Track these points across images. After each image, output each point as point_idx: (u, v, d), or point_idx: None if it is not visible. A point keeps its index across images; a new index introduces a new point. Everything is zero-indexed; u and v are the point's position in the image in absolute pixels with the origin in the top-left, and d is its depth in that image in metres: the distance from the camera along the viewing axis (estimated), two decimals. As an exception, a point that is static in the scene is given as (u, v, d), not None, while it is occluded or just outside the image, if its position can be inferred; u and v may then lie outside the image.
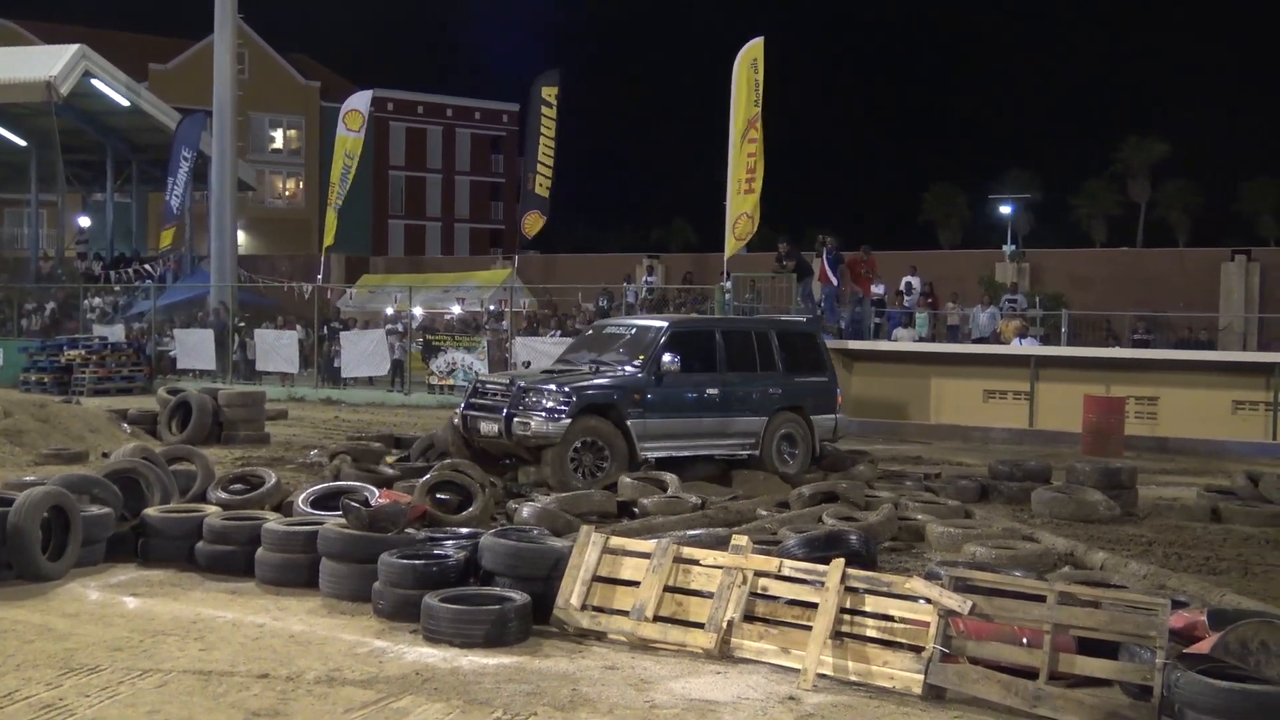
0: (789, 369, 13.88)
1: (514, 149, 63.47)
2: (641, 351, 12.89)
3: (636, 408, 12.45)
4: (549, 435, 11.92)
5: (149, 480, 9.74)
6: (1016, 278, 31.83)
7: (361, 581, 7.82)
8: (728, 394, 13.24)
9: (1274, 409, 19.27)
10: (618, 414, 12.36)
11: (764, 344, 13.79)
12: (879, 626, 6.53)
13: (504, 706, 5.93)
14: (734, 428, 13.26)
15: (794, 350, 14.10)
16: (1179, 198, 64.72)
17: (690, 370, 12.87)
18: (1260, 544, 10.49)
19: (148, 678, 6.30)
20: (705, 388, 13.10)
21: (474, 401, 12.81)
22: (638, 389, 12.55)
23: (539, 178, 29.16)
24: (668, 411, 12.73)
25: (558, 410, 11.98)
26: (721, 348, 13.39)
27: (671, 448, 12.73)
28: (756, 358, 13.68)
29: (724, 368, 13.33)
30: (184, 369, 28.43)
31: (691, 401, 13.00)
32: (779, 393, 13.65)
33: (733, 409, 13.27)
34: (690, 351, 12.97)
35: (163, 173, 36.42)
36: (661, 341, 12.87)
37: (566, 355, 14.22)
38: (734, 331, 13.91)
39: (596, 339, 14.15)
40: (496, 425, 12.23)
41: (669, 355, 12.68)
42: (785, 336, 14.16)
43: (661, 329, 13.21)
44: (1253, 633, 5.55)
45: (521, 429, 12.02)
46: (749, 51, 22.92)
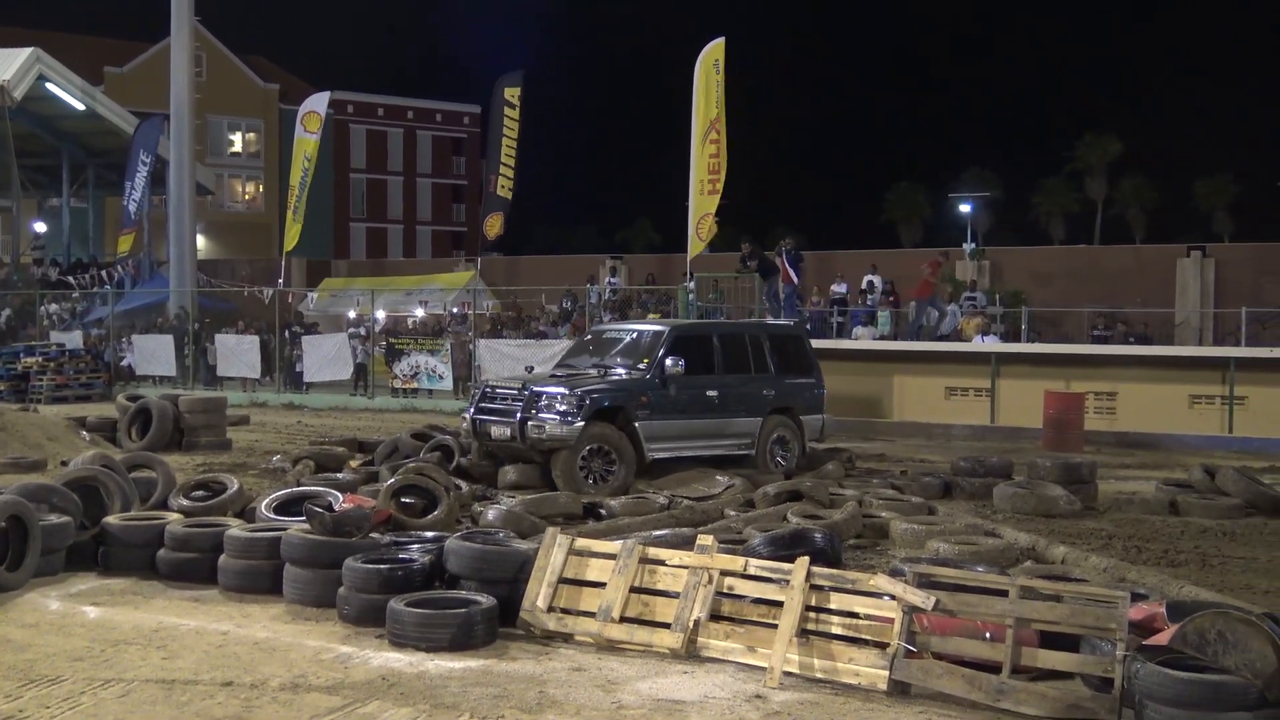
0: (780, 371, 14.29)
1: (476, 151, 63.34)
2: (645, 355, 13.25)
3: (643, 409, 12.78)
4: (563, 438, 12.19)
5: (109, 488, 9.64)
6: (977, 276, 32.09)
7: (326, 587, 7.78)
8: (726, 395, 13.61)
9: (1229, 403, 19.56)
10: (626, 417, 12.67)
11: (757, 347, 14.21)
12: (844, 624, 6.58)
13: (471, 710, 5.92)
14: (732, 428, 13.64)
15: (784, 352, 14.52)
16: (1135, 195, 65.54)
17: (691, 372, 13.20)
18: (1217, 536, 10.64)
19: (110, 688, 6.24)
20: (705, 389, 13.44)
21: (484, 405, 13.02)
22: (644, 391, 12.88)
23: (501, 179, 29.14)
24: (672, 413, 13.06)
25: (570, 413, 12.25)
26: (719, 351, 13.78)
27: (675, 448, 13.09)
28: (750, 360, 14.08)
29: (722, 370, 13.72)
30: (143, 375, 28.13)
31: (693, 403, 13.33)
32: (772, 394, 14.06)
33: (730, 410, 13.64)
34: (691, 354, 13.33)
35: (120, 177, 35.97)
36: (665, 345, 13.21)
37: (567, 360, 14.48)
38: (730, 335, 14.34)
39: (597, 343, 14.44)
40: (509, 428, 12.48)
41: (672, 358, 13.01)
42: (776, 339, 14.58)
43: (664, 333, 13.56)
44: (1210, 624, 5.63)
45: (536, 432, 12.27)
46: (710, 53, 23.01)
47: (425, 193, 68.89)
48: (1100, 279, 31.37)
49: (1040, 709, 5.87)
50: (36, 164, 39.62)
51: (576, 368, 13.70)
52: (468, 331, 25.89)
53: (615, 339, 14.16)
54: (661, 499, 11.33)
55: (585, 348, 14.52)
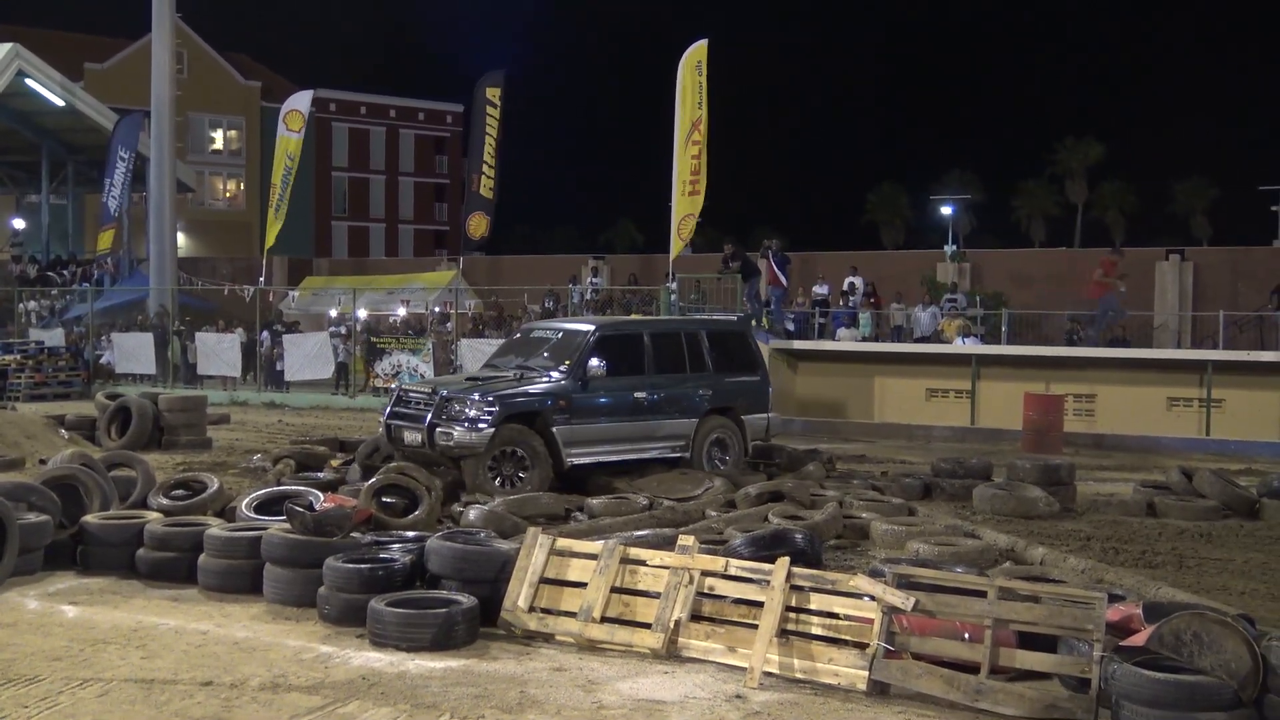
0: (720, 369, 13.73)
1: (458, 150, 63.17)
2: (568, 356, 12.71)
3: (562, 414, 12.26)
4: (472, 445, 11.73)
5: (88, 487, 9.59)
6: (957, 277, 32.20)
7: (306, 587, 7.77)
8: (656, 397, 13.05)
9: (1207, 405, 19.70)
10: (543, 421, 12.18)
11: (694, 345, 13.64)
12: (824, 624, 6.61)
13: (451, 710, 5.92)
14: (663, 430, 13.10)
15: (725, 350, 13.96)
16: (1115, 198, 65.90)
17: (617, 374, 12.72)
18: (1194, 538, 10.73)
19: (88, 687, 6.22)
20: (633, 391, 12.89)
21: (397, 410, 12.51)
22: (563, 395, 12.36)
23: (483, 179, 29.08)
24: (594, 417, 12.54)
25: (480, 420, 11.77)
26: (650, 350, 13.21)
27: (598, 453, 12.57)
28: (686, 359, 13.52)
29: (652, 370, 13.15)
30: (123, 373, 27.96)
31: (619, 406, 12.78)
32: (709, 394, 13.50)
33: (662, 412, 13.09)
34: (618, 355, 12.83)
35: (100, 174, 35.77)
36: (588, 346, 12.69)
37: (494, 359, 14.02)
38: (662, 333, 13.74)
39: (524, 342, 13.93)
40: (419, 435, 11.99)
41: (595, 360, 12.52)
42: (716, 336, 14.03)
43: (588, 333, 12.99)
44: (1186, 625, 5.68)
45: (444, 439, 11.80)
46: (693, 54, 23.03)
47: (407, 191, 68.70)
48: (1080, 281, 31.49)
49: (1018, 709, 5.91)
50: (15, 160, 39.37)
51: (499, 368, 13.24)
52: (450, 331, 25.85)
53: (542, 338, 13.63)
54: (643, 499, 11.32)
55: (513, 347, 14.06)
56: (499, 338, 25.00)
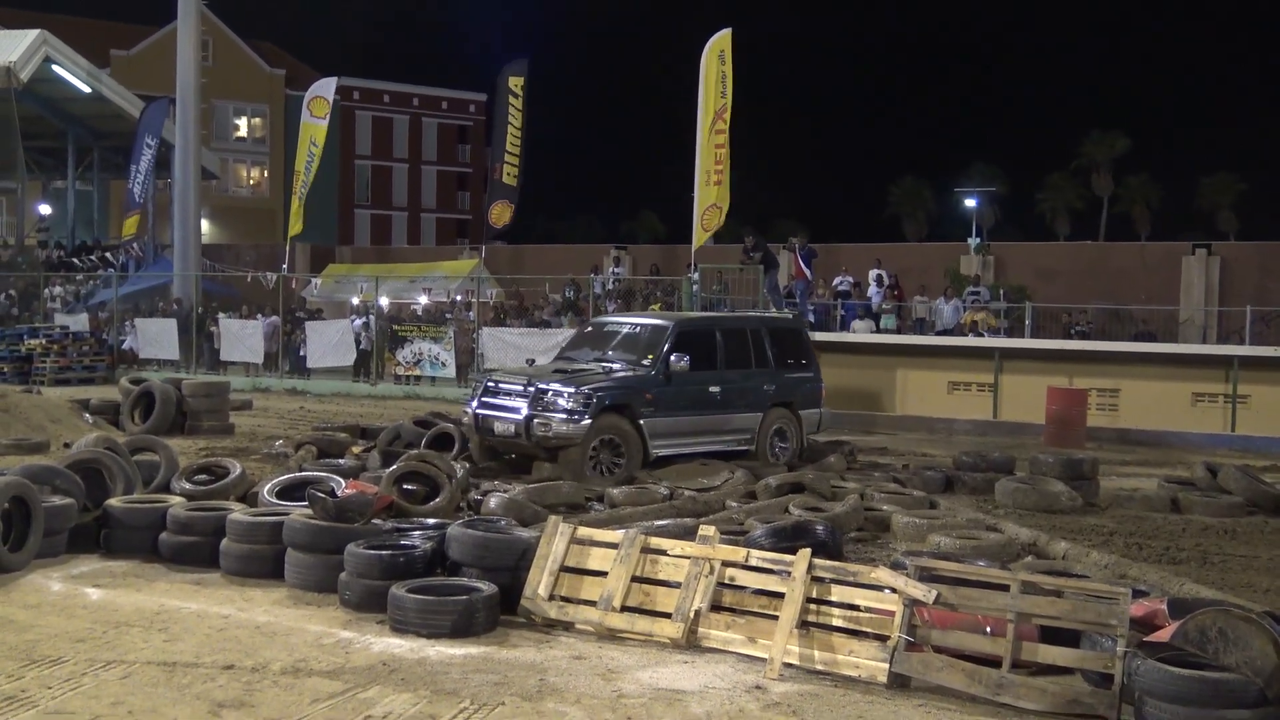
0: (780, 365, 14.26)
1: (481, 139, 63.20)
2: (650, 350, 13.18)
3: (648, 406, 12.72)
4: (569, 436, 12.12)
5: (112, 471, 9.65)
6: (980, 270, 32.04)
7: (327, 572, 7.79)
8: (728, 391, 13.59)
9: (1232, 401, 19.54)
10: (632, 413, 12.60)
11: (758, 341, 14.17)
12: (845, 616, 6.58)
13: (471, 696, 5.93)
14: (732, 424, 13.61)
15: (784, 347, 14.48)
16: (1140, 192, 65.35)
17: (694, 368, 13.16)
18: (1219, 534, 10.64)
19: (111, 669, 6.26)
20: (707, 385, 13.41)
21: (487, 400, 12.83)
22: (649, 388, 12.83)
23: (506, 168, 29.07)
24: (675, 409, 13.00)
25: (578, 411, 12.15)
26: (721, 346, 13.74)
27: (678, 444, 13.02)
28: (751, 355, 14.04)
29: (723, 365, 13.68)
30: (146, 359, 28.14)
31: (696, 399, 13.28)
32: (772, 389, 14.02)
33: (731, 406, 13.61)
34: (693, 350, 13.25)
35: (125, 160, 35.98)
36: (670, 341, 13.13)
37: (568, 352, 14.35)
38: (732, 330, 14.25)
39: (598, 335, 14.35)
40: (514, 426, 12.35)
41: (677, 355, 12.95)
42: (776, 334, 14.54)
43: (668, 328, 13.45)
44: (1211, 621, 5.64)
45: (542, 429, 12.18)
46: (717, 43, 22.94)
47: (430, 180, 68.83)
48: (1105, 276, 31.34)
49: (1040, 704, 5.88)
50: (42, 146, 39.64)
51: (578, 361, 13.57)
52: (471, 319, 25.88)
53: (616, 331, 14.08)
54: (663, 489, 11.34)
55: (586, 340, 14.43)
56: (520, 327, 25.07)
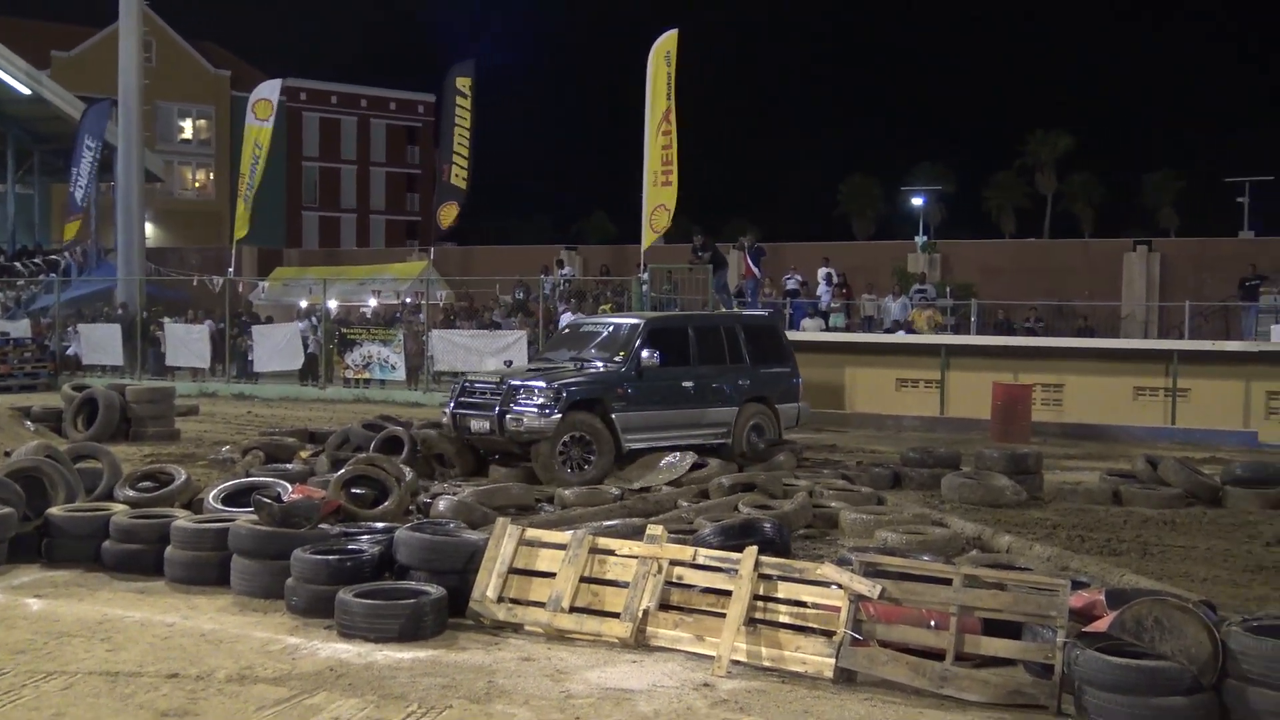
0: (755, 361, 14.55)
1: (430, 140, 62.90)
2: (621, 348, 13.47)
3: (620, 401, 12.98)
4: (541, 430, 12.37)
5: (53, 479, 9.50)
6: (928, 268, 32.39)
7: (274, 578, 7.73)
8: (702, 386, 13.86)
9: (1173, 394, 19.89)
10: (603, 408, 12.86)
11: (732, 338, 14.46)
12: (792, 612, 6.64)
13: (419, 700, 5.92)
14: (708, 418, 13.88)
15: (759, 343, 14.79)
16: (1083, 190, 66.30)
17: (666, 364, 13.43)
18: (1158, 525, 10.84)
19: (52, 680, 6.17)
20: (681, 380, 13.68)
21: (463, 400, 13.14)
22: (620, 383, 13.08)
23: (455, 169, 28.97)
24: (648, 404, 13.26)
25: (548, 406, 12.43)
26: (694, 342, 14.00)
27: (652, 438, 13.23)
28: (726, 351, 14.32)
29: (697, 361, 13.95)
30: (90, 365, 27.72)
31: (669, 394, 13.53)
32: (747, 384, 14.33)
33: (707, 400, 13.88)
34: (666, 346, 13.52)
35: (66, 163, 35.42)
36: (640, 338, 13.42)
37: (546, 353, 14.79)
38: (705, 327, 14.55)
39: (574, 336, 14.72)
40: (488, 422, 12.64)
41: (648, 351, 13.24)
42: (751, 330, 14.86)
43: (639, 326, 13.76)
44: (1147, 611, 5.75)
45: (515, 425, 12.44)
46: (663, 44, 23.02)
47: (379, 181, 68.40)
48: (1049, 273, 31.80)
49: (983, 695, 5.96)
50: (-21, 149, 38.93)
51: (554, 361, 13.95)
52: (421, 321, 25.75)
53: (592, 332, 14.43)
54: (614, 490, 11.39)
55: (563, 341, 14.86)
56: (470, 328, 24.98)
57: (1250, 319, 23.87)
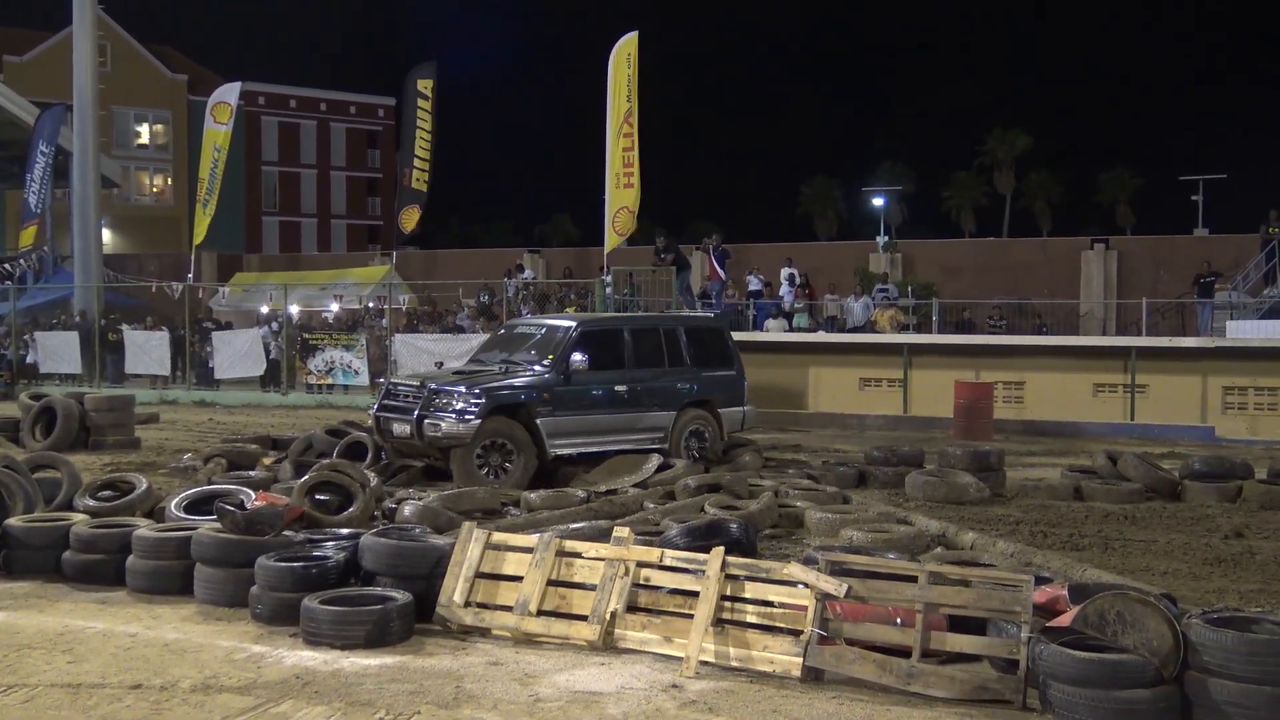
0: (697, 364, 14.26)
1: (391, 143, 62.55)
2: (551, 351, 13.16)
3: (546, 406, 12.70)
4: (459, 436, 12.11)
5: (10, 489, 9.37)
6: (889, 268, 32.59)
7: (238, 586, 7.66)
8: (636, 390, 13.55)
9: (1131, 390, 20.14)
10: (527, 413, 12.59)
11: (672, 340, 14.16)
12: (759, 612, 6.66)
13: (386, 707, 5.88)
14: (643, 423, 13.58)
15: (702, 346, 14.49)
16: (1041, 188, 67.02)
17: (599, 367, 13.17)
18: (1119, 520, 10.97)
19: (12, 693, 6.09)
20: (613, 385, 13.40)
21: (386, 403, 12.92)
22: (546, 388, 12.80)
23: (416, 172, 28.84)
24: (577, 409, 12.99)
25: (467, 411, 12.17)
26: (630, 345, 13.71)
27: (581, 444, 13.01)
28: (665, 354, 14.03)
29: (632, 364, 13.64)
30: (47, 373, 27.36)
31: (600, 398, 13.26)
32: (687, 388, 14.03)
33: (642, 404, 13.58)
34: (599, 349, 13.27)
35: (20, 169, 34.91)
36: (570, 341, 13.14)
37: (479, 355, 14.39)
38: (642, 329, 14.25)
39: (509, 338, 14.37)
40: (408, 426, 12.37)
41: (578, 354, 12.96)
42: (693, 333, 14.55)
43: (570, 328, 13.47)
44: (1109, 605, 5.82)
45: (432, 430, 12.18)
46: (623, 46, 23.02)
47: (339, 186, 67.91)
48: (1009, 271, 32.09)
49: (949, 691, 6.01)
50: (-70, 155, 38.31)
51: (485, 363, 13.63)
52: (384, 326, 25.62)
53: (526, 334, 14.09)
54: (580, 492, 11.36)
55: (497, 343, 14.48)
56: (434, 332, 24.89)
57: (1206, 315, 24.22)
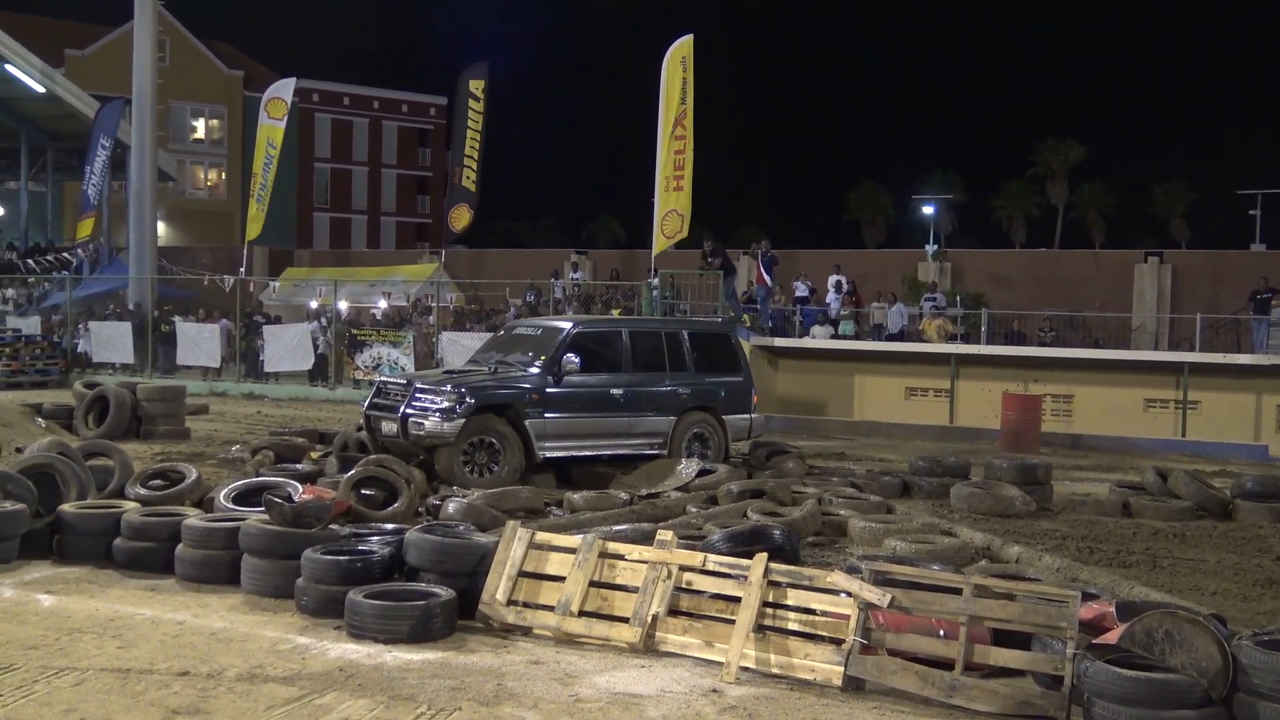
0: (701, 369, 14.02)
1: (442, 142, 63.01)
2: (544, 352, 13.00)
3: (535, 407, 12.55)
4: (443, 435, 12.00)
5: (65, 476, 9.54)
6: (938, 277, 32.35)
7: (284, 578, 7.76)
8: (633, 394, 13.33)
9: (1183, 406, 19.86)
10: (515, 414, 12.45)
11: (674, 345, 13.95)
12: (800, 620, 6.64)
13: (428, 702, 5.93)
14: (640, 427, 13.35)
15: (707, 351, 14.25)
16: (1095, 200, 66.24)
17: (594, 370, 13.03)
18: (1168, 538, 10.82)
19: (64, 676, 6.20)
20: (608, 388, 13.19)
21: (376, 401, 12.84)
22: (535, 389, 12.65)
23: (466, 171, 29.02)
24: (568, 411, 12.80)
25: (452, 410, 12.05)
26: (628, 349, 13.51)
27: (572, 447, 12.85)
28: (666, 358, 13.82)
29: (630, 368, 13.43)
30: (101, 362, 27.82)
31: (594, 401, 13.06)
32: (688, 393, 13.78)
33: (638, 409, 13.35)
34: (594, 352, 13.13)
35: (80, 161, 35.55)
36: (564, 343, 12.99)
37: (476, 355, 14.30)
38: (642, 332, 14.07)
39: (507, 339, 14.29)
40: (394, 424, 12.30)
41: (570, 356, 12.81)
42: (698, 337, 14.32)
43: (565, 330, 13.31)
44: (1158, 623, 5.74)
45: (417, 429, 12.09)
46: (678, 49, 23.03)
47: (390, 183, 68.49)
48: (1059, 283, 31.75)
49: (991, 705, 5.96)
50: (-6, 146, 39.09)
51: (479, 363, 13.58)
52: (431, 323, 25.80)
53: (523, 335, 13.98)
54: (624, 495, 11.38)
55: (495, 344, 14.39)
56: (480, 331, 25.01)
57: (1261, 332, 23.80)
